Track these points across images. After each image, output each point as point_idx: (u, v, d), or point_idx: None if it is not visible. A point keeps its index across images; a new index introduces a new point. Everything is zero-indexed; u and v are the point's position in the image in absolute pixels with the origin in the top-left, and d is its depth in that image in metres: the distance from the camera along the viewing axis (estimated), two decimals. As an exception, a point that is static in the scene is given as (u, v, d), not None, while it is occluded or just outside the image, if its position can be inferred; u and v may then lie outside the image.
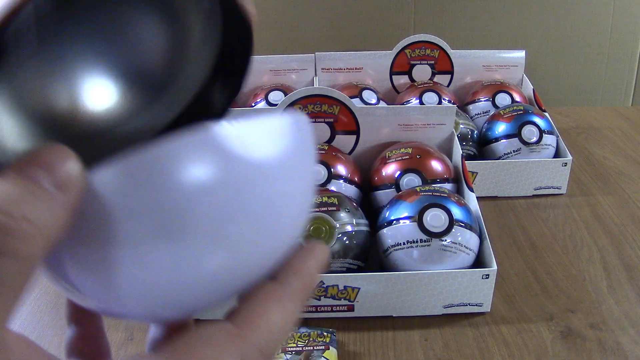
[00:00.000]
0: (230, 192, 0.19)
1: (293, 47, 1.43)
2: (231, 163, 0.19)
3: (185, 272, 0.20)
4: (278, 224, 0.21)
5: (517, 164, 0.86)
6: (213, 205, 0.19)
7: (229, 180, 0.19)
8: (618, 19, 1.46)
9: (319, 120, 0.80)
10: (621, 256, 0.75)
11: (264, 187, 0.20)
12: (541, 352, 0.60)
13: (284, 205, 0.21)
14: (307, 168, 0.23)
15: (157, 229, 0.19)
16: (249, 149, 0.20)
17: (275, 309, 0.21)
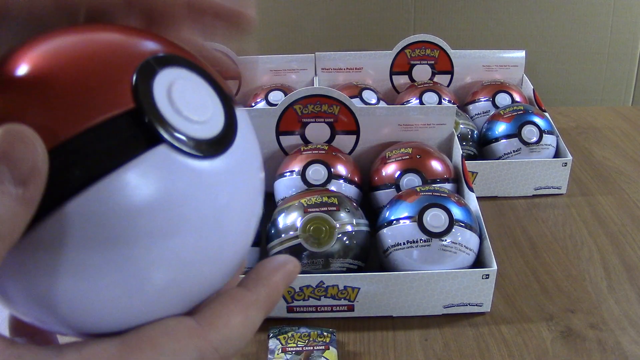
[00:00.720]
0: (171, 205, 0.18)
1: (293, 47, 1.43)
2: (171, 177, 0.18)
3: (132, 289, 0.19)
4: (224, 235, 0.20)
5: (517, 164, 0.86)
6: (154, 221, 0.18)
7: (169, 194, 0.18)
8: (618, 19, 1.46)
9: (319, 120, 0.80)
10: (621, 256, 0.75)
11: (206, 199, 0.19)
12: (541, 352, 0.60)
13: (229, 216, 0.20)
14: (252, 175, 0.22)
15: (101, 246, 0.18)
16: (189, 159, 0.19)
17: (239, 313, 0.21)
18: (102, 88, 0.18)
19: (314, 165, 0.75)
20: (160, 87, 0.19)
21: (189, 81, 0.20)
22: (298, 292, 0.63)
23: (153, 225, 0.18)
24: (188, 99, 0.19)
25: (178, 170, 0.19)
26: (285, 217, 0.65)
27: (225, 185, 0.20)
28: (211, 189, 0.19)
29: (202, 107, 0.20)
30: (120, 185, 0.18)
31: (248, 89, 1.07)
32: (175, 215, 0.19)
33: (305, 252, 0.63)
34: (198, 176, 0.19)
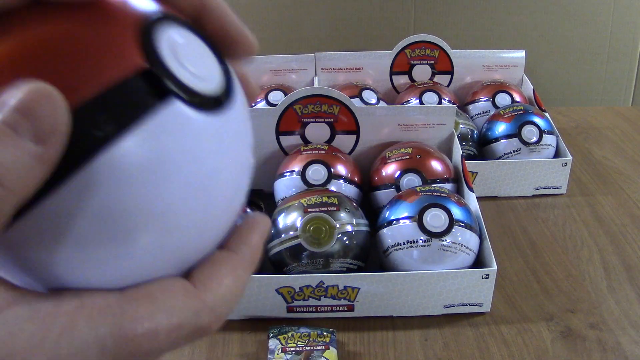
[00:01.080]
0: (162, 173, 0.19)
1: (293, 47, 1.43)
2: (182, 132, 0.19)
3: (123, 251, 0.19)
4: (217, 196, 0.21)
5: (517, 164, 0.86)
6: (147, 189, 0.18)
7: (177, 149, 0.19)
8: (618, 19, 1.46)
9: (319, 120, 0.80)
10: (621, 256, 0.75)
11: (206, 155, 0.20)
12: (541, 352, 0.60)
13: (224, 175, 0.21)
14: (246, 136, 0.22)
15: (109, 214, 0.18)
16: (197, 114, 0.19)
17: (229, 274, 0.22)
18: (112, 48, 0.18)
19: (314, 165, 0.75)
20: (164, 43, 0.19)
21: (189, 38, 0.21)
22: (298, 292, 0.63)
23: (161, 183, 0.19)
24: (191, 55, 0.20)
25: (189, 125, 0.19)
26: (285, 217, 0.65)
27: (223, 143, 0.20)
28: (211, 144, 0.20)
29: (204, 64, 0.20)
30: (136, 144, 0.18)
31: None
32: (176, 170, 0.19)
33: (305, 252, 0.63)
34: (202, 131, 0.19)
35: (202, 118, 0.19)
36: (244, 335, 0.62)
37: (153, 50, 0.19)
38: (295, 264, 0.64)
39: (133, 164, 0.18)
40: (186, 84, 0.19)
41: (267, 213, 0.67)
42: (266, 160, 0.82)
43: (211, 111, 0.20)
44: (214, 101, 0.20)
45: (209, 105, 0.20)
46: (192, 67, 0.20)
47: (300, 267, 0.64)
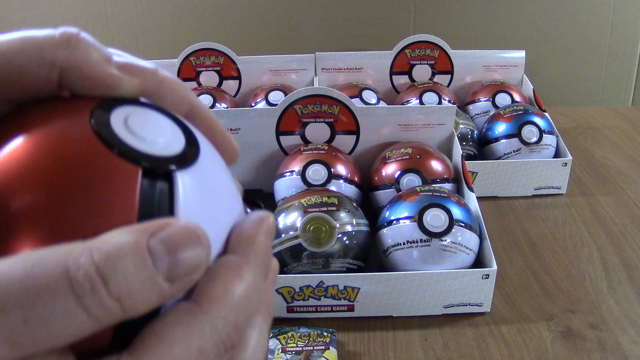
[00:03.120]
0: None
1: (293, 47, 1.43)
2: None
3: None
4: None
5: (517, 164, 0.86)
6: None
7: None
8: (618, 19, 1.46)
9: (319, 120, 0.80)
10: (621, 256, 0.75)
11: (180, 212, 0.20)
12: (541, 352, 0.60)
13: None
14: (224, 183, 0.22)
15: None
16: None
17: (235, 280, 0.20)
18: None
19: (314, 165, 0.75)
20: (117, 119, 0.20)
21: (140, 112, 0.21)
22: (298, 292, 0.63)
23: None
24: (145, 126, 0.20)
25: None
26: (285, 217, 0.65)
27: (198, 196, 0.20)
28: (185, 200, 0.20)
29: (160, 131, 0.21)
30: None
31: (248, 89, 1.07)
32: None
33: (305, 252, 0.63)
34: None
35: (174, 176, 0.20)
36: (244, 335, 0.62)
37: (106, 129, 0.19)
38: (295, 264, 0.64)
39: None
40: (146, 152, 0.19)
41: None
42: (266, 160, 0.82)
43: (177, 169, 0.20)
44: (176, 160, 0.20)
45: (173, 165, 0.20)
46: (148, 135, 0.20)
47: (300, 267, 0.64)
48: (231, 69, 1.06)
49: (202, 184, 0.20)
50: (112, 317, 0.16)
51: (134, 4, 1.46)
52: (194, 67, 1.06)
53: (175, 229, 0.17)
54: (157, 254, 0.17)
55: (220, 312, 0.19)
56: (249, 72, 1.07)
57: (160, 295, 0.17)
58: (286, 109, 0.79)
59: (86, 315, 0.16)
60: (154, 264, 0.17)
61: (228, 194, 0.22)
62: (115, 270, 0.16)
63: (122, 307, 0.16)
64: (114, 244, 0.16)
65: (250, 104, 1.00)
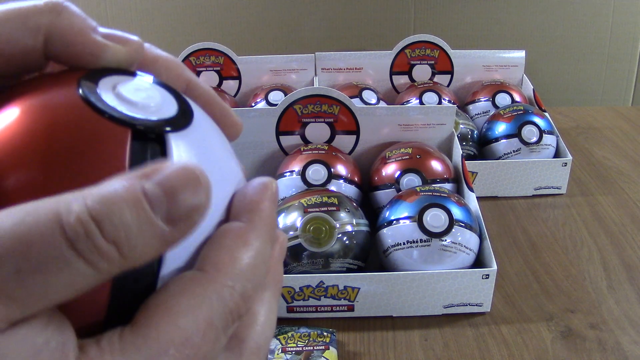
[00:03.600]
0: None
1: (293, 47, 1.43)
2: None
3: None
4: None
5: (517, 164, 0.86)
6: None
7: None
8: (618, 19, 1.46)
9: (319, 120, 0.80)
10: (621, 256, 0.75)
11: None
12: (541, 352, 0.60)
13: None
14: (219, 144, 0.22)
15: None
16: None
17: (241, 246, 0.19)
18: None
19: (314, 165, 0.75)
20: (105, 87, 0.19)
21: (130, 80, 0.20)
22: (298, 292, 0.63)
23: None
24: (135, 92, 0.20)
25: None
26: (285, 217, 0.65)
27: (192, 159, 0.20)
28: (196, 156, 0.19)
29: (151, 96, 0.20)
30: None
31: (248, 89, 1.07)
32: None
33: (305, 252, 0.63)
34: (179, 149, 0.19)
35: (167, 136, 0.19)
36: (244, 335, 0.62)
37: (95, 98, 0.19)
38: (295, 264, 0.64)
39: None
40: (133, 116, 0.19)
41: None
42: (266, 160, 0.82)
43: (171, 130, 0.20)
44: (169, 122, 0.20)
45: (167, 126, 0.19)
46: (140, 100, 0.20)
47: (300, 267, 0.64)
48: (231, 69, 1.06)
49: (197, 147, 0.20)
50: (111, 265, 0.16)
51: (134, 4, 1.46)
52: (194, 67, 1.06)
53: (172, 170, 0.16)
54: (154, 196, 0.16)
55: (228, 280, 0.18)
56: (249, 72, 1.07)
57: (161, 239, 0.16)
58: (286, 109, 0.79)
59: (82, 262, 0.15)
60: (151, 206, 0.16)
61: (225, 160, 0.21)
62: (110, 213, 0.15)
63: (121, 252, 0.16)
64: (107, 189, 0.16)
65: (250, 104, 1.00)
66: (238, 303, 0.18)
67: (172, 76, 0.22)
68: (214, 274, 0.18)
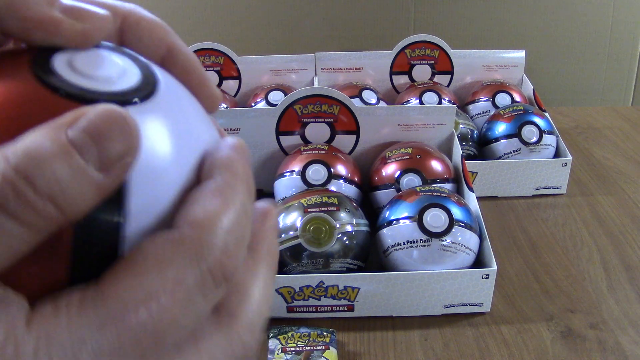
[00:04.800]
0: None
1: (293, 47, 1.43)
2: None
3: None
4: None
5: (517, 164, 0.86)
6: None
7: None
8: (618, 19, 1.46)
9: (319, 120, 0.80)
10: (621, 256, 0.75)
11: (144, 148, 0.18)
12: (541, 352, 0.60)
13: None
14: (190, 112, 0.21)
15: None
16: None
17: (218, 202, 0.18)
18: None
19: (314, 165, 0.75)
20: (60, 62, 0.18)
21: (85, 53, 0.19)
22: (298, 292, 0.63)
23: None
24: (92, 64, 0.19)
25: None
26: (285, 217, 0.65)
27: (162, 128, 0.19)
28: (148, 137, 0.18)
29: (110, 67, 0.19)
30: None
31: (248, 89, 1.07)
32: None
33: (305, 252, 0.63)
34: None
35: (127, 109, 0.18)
36: (244, 335, 0.62)
37: (46, 71, 0.18)
38: (295, 264, 0.64)
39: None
40: (94, 88, 0.18)
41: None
42: (266, 160, 0.82)
43: (133, 102, 0.18)
44: (131, 93, 0.18)
45: (126, 99, 0.18)
46: (97, 72, 0.18)
47: (300, 267, 0.64)
48: (231, 69, 1.06)
49: (163, 117, 0.19)
50: (50, 221, 0.15)
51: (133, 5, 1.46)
52: (194, 67, 1.06)
53: (95, 114, 0.15)
54: (82, 144, 0.15)
55: (204, 235, 0.17)
56: (249, 72, 1.07)
57: (96, 187, 0.15)
58: (286, 109, 0.79)
59: (16, 224, 0.14)
60: (80, 155, 0.15)
61: (196, 124, 0.20)
62: (40, 168, 0.14)
63: (58, 207, 0.15)
64: (29, 142, 0.15)
65: (250, 104, 1.00)
66: (221, 261, 0.17)
67: (154, 39, 0.21)
68: (188, 231, 0.17)
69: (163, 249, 0.17)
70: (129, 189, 0.17)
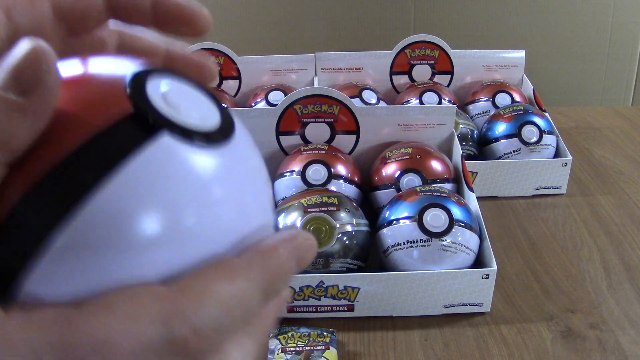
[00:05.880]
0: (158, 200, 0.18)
1: (293, 47, 1.43)
2: (177, 163, 0.18)
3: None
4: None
5: (517, 164, 0.86)
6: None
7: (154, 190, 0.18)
8: (618, 19, 1.46)
9: (319, 120, 0.80)
10: (621, 256, 0.75)
11: (212, 187, 0.19)
12: (541, 352, 0.60)
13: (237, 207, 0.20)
14: (256, 165, 0.22)
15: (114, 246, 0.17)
16: (193, 148, 0.19)
17: (222, 280, 0.17)
18: (100, 102, 0.19)
19: (314, 165, 0.75)
20: (153, 90, 0.19)
21: (178, 85, 0.21)
22: (298, 292, 0.63)
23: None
24: (181, 98, 0.20)
25: (182, 156, 0.19)
26: (285, 217, 0.65)
27: (232, 176, 0.20)
28: (217, 179, 0.19)
29: (197, 104, 0.20)
30: (129, 179, 0.18)
31: (248, 89, 1.07)
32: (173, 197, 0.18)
33: (305, 252, 0.63)
34: (198, 163, 0.19)
35: (198, 152, 0.19)
36: (244, 335, 0.62)
37: (141, 97, 0.19)
38: (295, 264, 0.64)
39: (131, 196, 0.17)
40: (175, 120, 0.19)
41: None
42: (266, 161, 0.81)
43: (207, 146, 0.19)
44: (213, 135, 0.19)
45: (203, 140, 0.19)
46: (184, 106, 0.19)
47: (300, 267, 0.64)
48: (231, 69, 1.06)
49: (227, 167, 0.20)
50: None
51: (134, 4, 1.46)
52: (194, 67, 1.06)
53: (13, 56, 0.16)
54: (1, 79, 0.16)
55: (185, 307, 0.16)
56: (249, 72, 1.07)
57: (20, 109, 0.16)
58: (286, 109, 0.79)
59: None
60: (1, 89, 0.16)
61: (254, 190, 0.21)
62: None
63: None
64: None
65: (250, 104, 1.00)
66: (186, 337, 0.16)
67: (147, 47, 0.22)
68: (175, 294, 0.16)
69: (145, 299, 0.16)
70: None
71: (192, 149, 0.19)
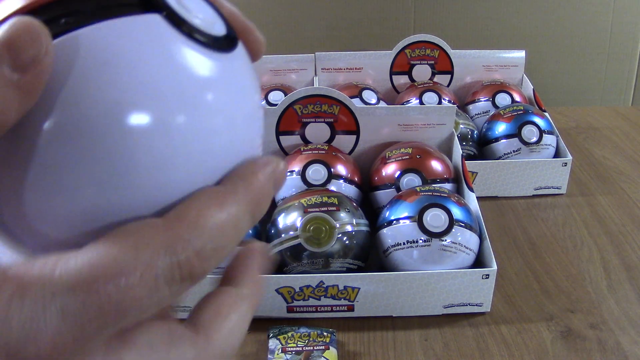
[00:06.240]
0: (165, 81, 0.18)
1: (293, 47, 1.43)
2: (158, 48, 0.18)
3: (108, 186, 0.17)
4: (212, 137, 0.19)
5: (517, 164, 0.86)
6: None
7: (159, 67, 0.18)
8: (618, 19, 1.46)
9: (319, 120, 0.80)
10: (621, 256, 0.75)
11: (204, 90, 0.19)
12: (541, 352, 0.60)
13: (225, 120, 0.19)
14: (252, 81, 0.21)
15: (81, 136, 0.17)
16: (194, 44, 0.19)
17: (213, 206, 0.18)
18: None
19: (314, 165, 0.75)
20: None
21: None
22: (298, 292, 0.63)
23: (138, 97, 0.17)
24: (194, 4, 0.20)
25: (171, 45, 0.18)
26: (285, 217, 0.65)
27: (226, 86, 0.19)
28: (210, 82, 0.19)
29: (207, 14, 0.20)
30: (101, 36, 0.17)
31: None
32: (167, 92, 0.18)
33: (305, 252, 0.63)
34: (193, 62, 0.19)
35: (192, 47, 0.19)
36: (244, 335, 0.62)
37: None
38: (295, 264, 0.64)
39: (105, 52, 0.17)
40: (179, 13, 0.19)
41: (267, 213, 0.67)
42: (266, 160, 0.82)
43: (204, 47, 0.19)
44: (207, 36, 0.19)
45: (200, 39, 0.19)
46: (193, 10, 0.19)
47: (300, 267, 0.64)
48: (231, 69, 1.06)
49: (230, 76, 0.20)
50: None
51: (134, 4, 1.46)
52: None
53: (8, 26, 0.16)
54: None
55: (184, 233, 0.17)
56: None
57: (16, 86, 0.16)
58: (286, 109, 0.79)
59: None
60: None
61: (248, 105, 0.21)
62: None
63: None
64: None
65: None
66: (190, 259, 0.17)
67: None
68: (172, 223, 0.17)
69: (146, 231, 0.17)
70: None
71: (186, 41, 0.18)
